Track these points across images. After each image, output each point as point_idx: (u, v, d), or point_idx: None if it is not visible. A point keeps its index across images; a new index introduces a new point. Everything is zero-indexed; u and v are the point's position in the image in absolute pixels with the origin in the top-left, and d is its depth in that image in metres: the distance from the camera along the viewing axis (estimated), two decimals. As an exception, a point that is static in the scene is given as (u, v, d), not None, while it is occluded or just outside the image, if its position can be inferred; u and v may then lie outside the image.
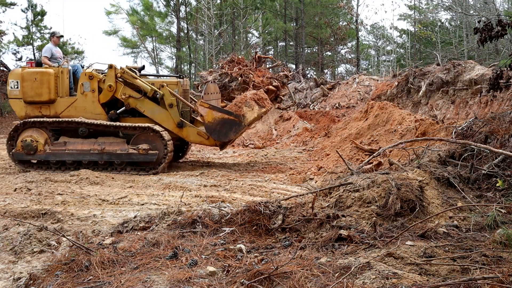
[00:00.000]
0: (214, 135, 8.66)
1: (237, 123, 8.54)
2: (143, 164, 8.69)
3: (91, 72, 9.05)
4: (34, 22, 25.66)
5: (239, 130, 8.61)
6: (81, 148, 8.75)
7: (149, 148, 8.62)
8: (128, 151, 8.62)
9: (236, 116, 8.52)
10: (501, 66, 7.43)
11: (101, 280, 3.05)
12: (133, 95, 8.92)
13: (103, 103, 9.04)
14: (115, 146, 8.69)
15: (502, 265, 2.79)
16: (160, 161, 8.66)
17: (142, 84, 8.90)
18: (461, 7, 22.17)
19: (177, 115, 8.91)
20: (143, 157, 8.58)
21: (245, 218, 3.97)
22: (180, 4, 28.52)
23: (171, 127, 8.92)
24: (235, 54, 17.37)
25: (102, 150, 8.67)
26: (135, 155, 8.60)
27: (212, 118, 8.58)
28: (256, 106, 8.61)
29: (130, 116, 9.15)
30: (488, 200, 4.26)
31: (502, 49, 19.89)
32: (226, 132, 8.60)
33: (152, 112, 8.94)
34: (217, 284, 2.89)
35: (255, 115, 8.57)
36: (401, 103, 13.29)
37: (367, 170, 5.69)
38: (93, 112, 9.00)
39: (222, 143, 9.01)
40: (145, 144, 8.64)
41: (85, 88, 9.01)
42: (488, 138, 5.43)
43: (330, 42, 31.89)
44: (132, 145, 8.70)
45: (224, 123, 8.56)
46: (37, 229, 4.44)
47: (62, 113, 9.06)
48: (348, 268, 2.87)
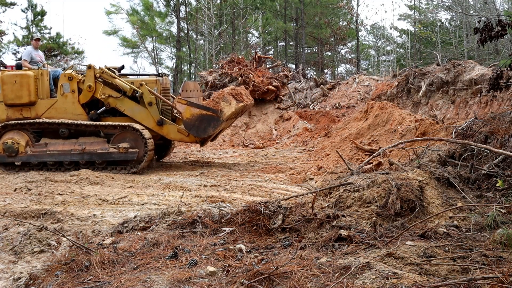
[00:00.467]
0: (193, 131, 8.70)
1: (215, 118, 8.55)
2: (124, 163, 8.74)
3: (71, 73, 9.11)
4: (34, 22, 25.67)
5: (217, 125, 8.62)
6: (62, 148, 8.81)
7: (129, 146, 8.67)
8: (109, 150, 8.68)
9: (213, 111, 8.54)
10: (501, 66, 7.43)
11: (101, 280, 3.05)
12: (113, 94, 8.98)
13: (84, 103, 9.11)
14: (96, 146, 8.76)
15: (502, 265, 2.79)
16: (141, 159, 8.70)
17: (121, 84, 8.96)
18: (461, 7, 22.18)
19: (156, 113, 8.95)
20: (124, 155, 8.63)
21: (245, 218, 3.97)
22: (180, 4, 28.52)
23: (151, 125, 8.97)
24: (235, 54, 17.38)
25: (82, 150, 8.73)
26: (115, 154, 8.65)
27: (190, 115, 8.62)
28: (234, 101, 8.61)
29: (111, 115, 9.20)
30: (488, 200, 4.26)
31: (502, 49, 19.89)
32: (205, 128, 8.63)
33: (132, 111, 8.99)
34: (217, 284, 2.89)
35: (233, 110, 8.57)
36: (401, 103, 13.29)
37: (367, 170, 5.69)
38: (74, 113, 9.06)
39: (202, 139, 9.05)
40: (126, 143, 8.70)
41: (65, 89, 9.07)
42: (488, 138, 5.43)
43: (330, 42, 31.89)
44: (113, 144, 8.75)
45: (203, 119, 8.59)
46: (37, 229, 4.44)
47: (43, 115, 9.12)
48: (348, 268, 2.87)
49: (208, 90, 15.47)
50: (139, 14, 30.07)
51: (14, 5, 24.79)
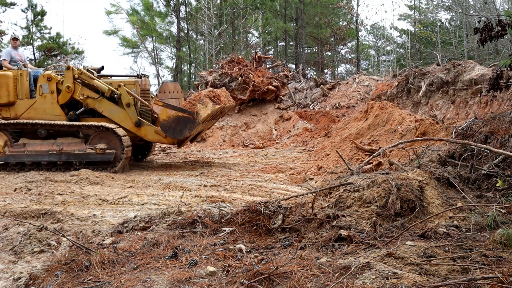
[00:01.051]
0: (169, 133, 8.71)
1: (192, 120, 8.55)
2: (101, 163, 8.75)
3: (49, 74, 9.12)
4: (34, 22, 25.66)
5: (193, 127, 8.62)
6: (40, 149, 8.83)
7: (107, 147, 8.70)
8: (86, 151, 8.70)
9: (190, 113, 8.54)
10: (501, 66, 7.43)
11: (101, 280, 3.05)
12: (91, 95, 9.00)
13: (63, 104, 9.13)
14: (73, 147, 8.78)
15: (502, 265, 2.79)
16: (118, 159, 8.71)
17: (99, 85, 8.99)
18: (461, 7, 22.18)
19: (134, 114, 8.96)
20: (101, 156, 8.66)
21: (245, 218, 3.97)
22: (180, 4, 28.52)
23: (129, 126, 8.98)
24: (235, 54, 17.38)
25: (60, 150, 8.75)
26: (92, 155, 8.68)
27: (167, 116, 8.64)
28: (210, 103, 8.60)
29: (90, 116, 9.22)
30: (488, 200, 4.27)
31: (502, 49, 19.89)
32: (181, 130, 8.64)
33: (110, 112, 9.01)
34: (217, 284, 2.89)
35: (209, 112, 8.55)
36: (401, 103, 13.29)
37: (367, 170, 5.69)
38: (53, 113, 9.08)
39: (179, 141, 9.06)
40: (103, 144, 8.72)
41: (43, 89, 9.08)
42: (488, 138, 5.43)
43: (330, 42, 31.89)
44: (90, 145, 8.77)
45: (179, 121, 8.60)
46: (37, 229, 4.44)
47: (22, 115, 9.13)
48: (348, 268, 2.87)
49: (208, 90, 15.46)
50: (139, 14, 30.08)
51: (14, 5, 24.79)
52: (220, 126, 14.55)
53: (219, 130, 14.32)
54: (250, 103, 15.70)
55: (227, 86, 15.20)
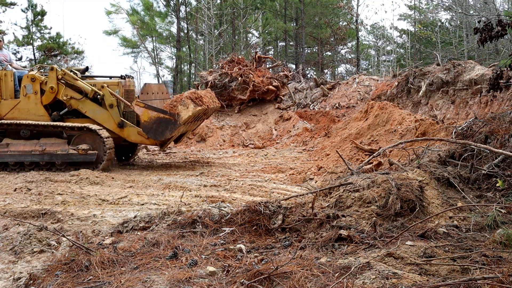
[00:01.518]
0: (150, 134, 8.72)
1: (173, 122, 8.57)
2: (83, 164, 8.77)
3: (33, 74, 9.15)
4: (34, 22, 25.65)
5: (174, 128, 8.63)
6: (23, 149, 8.85)
7: (89, 148, 8.72)
8: (68, 151, 8.72)
9: (171, 115, 8.56)
10: (501, 66, 7.43)
11: (101, 280, 3.05)
12: (75, 96, 9.03)
13: (46, 104, 9.15)
14: (56, 147, 8.80)
15: (502, 265, 2.79)
16: (101, 160, 8.73)
17: (82, 85, 9.02)
18: (461, 7, 22.18)
19: (117, 115, 8.98)
20: (83, 157, 8.68)
21: (245, 218, 3.97)
22: (180, 4, 28.52)
23: (112, 127, 9.00)
24: (235, 54, 17.37)
25: (43, 151, 8.77)
26: (74, 155, 8.70)
27: (148, 118, 8.66)
28: (192, 104, 8.60)
29: (74, 117, 9.25)
30: (488, 200, 4.27)
31: (502, 49, 19.89)
32: (162, 131, 8.65)
33: (93, 113, 9.04)
34: (217, 284, 2.89)
35: (190, 114, 8.56)
36: (401, 103, 13.28)
37: (367, 170, 5.69)
38: (36, 113, 9.12)
39: (161, 142, 9.07)
40: (85, 144, 8.75)
41: (27, 90, 9.12)
42: (488, 138, 5.43)
43: (330, 42, 31.89)
44: (73, 145, 8.80)
45: (160, 122, 8.62)
46: (37, 229, 4.44)
47: (6, 115, 9.16)
48: (348, 268, 2.87)
49: (208, 90, 15.47)
50: (139, 14, 30.08)
51: (14, 5, 24.78)
52: (220, 126, 14.55)
53: (219, 130, 14.32)
54: (250, 103, 15.70)
55: (227, 86, 15.20)
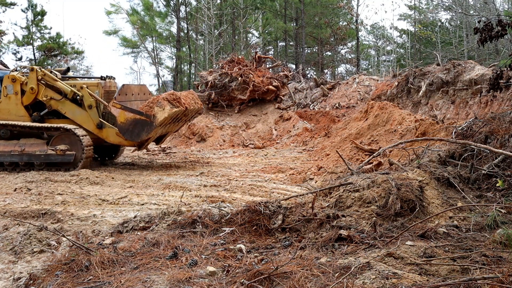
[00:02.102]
0: (127, 136, 8.76)
1: (149, 123, 8.60)
2: (62, 164, 8.81)
3: (14, 75, 9.19)
4: (34, 22, 25.65)
5: (150, 130, 8.65)
6: (3, 149, 8.91)
7: (67, 148, 8.75)
8: (47, 152, 8.76)
9: (147, 116, 8.58)
10: (501, 66, 7.43)
11: (101, 280, 3.05)
12: (54, 97, 9.07)
13: (27, 105, 9.19)
14: (35, 148, 8.85)
15: (502, 265, 2.79)
16: (79, 160, 8.76)
17: (62, 86, 9.06)
18: (461, 7, 22.18)
19: (96, 116, 9.02)
20: (61, 157, 8.72)
21: (245, 218, 3.97)
22: (180, 4, 28.52)
23: (91, 128, 9.04)
24: (235, 54, 17.37)
25: (22, 151, 8.82)
26: (53, 156, 8.74)
27: (125, 119, 8.69)
28: (168, 106, 8.62)
29: (55, 117, 9.28)
30: (488, 200, 4.27)
31: (502, 49, 19.89)
32: (139, 133, 8.69)
33: (73, 114, 9.08)
34: (217, 284, 2.89)
35: (166, 115, 8.57)
36: (401, 103, 13.28)
37: (367, 170, 5.69)
38: (17, 114, 9.16)
39: (139, 143, 9.11)
40: (63, 145, 8.79)
41: (8, 90, 9.17)
42: (488, 138, 5.43)
43: (330, 42, 31.88)
44: (52, 146, 8.83)
45: (136, 124, 8.65)
46: (37, 229, 4.44)
47: None
48: (348, 268, 2.87)
49: (208, 90, 15.47)
50: (139, 14, 30.06)
51: (14, 5, 24.78)
52: (220, 126, 14.55)
53: (219, 130, 14.32)
54: (250, 103, 15.70)
55: (227, 86, 15.20)
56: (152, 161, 10.74)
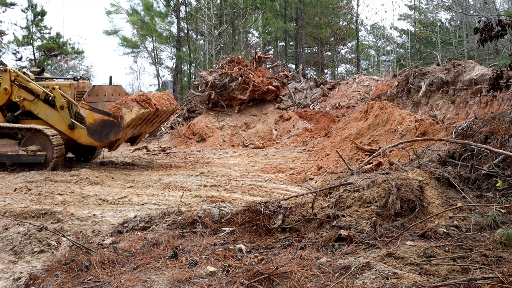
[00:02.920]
0: (95, 136, 8.80)
1: (116, 124, 8.64)
2: (33, 165, 8.85)
3: None
4: (34, 22, 25.64)
5: (118, 131, 8.69)
6: None
7: (38, 149, 8.80)
8: (18, 152, 8.81)
9: (114, 117, 8.63)
10: (501, 66, 7.43)
11: (101, 280, 3.05)
12: (27, 97, 9.11)
13: (1, 105, 9.25)
14: (7, 148, 8.91)
15: (502, 265, 2.79)
16: (50, 160, 8.79)
17: (34, 87, 9.11)
18: (461, 7, 22.17)
19: (68, 117, 9.05)
20: (32, 158, 8.78)
21: (245, 218, 3.97)
22: (180, 4, 28.52)
23: (63, 128, 9.08)
24: (235, 54, 17.36)
25: None
26: (24, 156, 8.79)
27: (93, 120, 8.74)
28: (136, 107, 8.64)
29: (29, 118, 9.31)
30: (488, 200, 4.27)
31: (502, 49, 19.89)
32: (107, 134, 8.74)
33: (45, 114, 9.12)
34: (217, 284, 2.89)
35: (133, 116, 8.60)
36: (401, 103, 13.28)
37: (367, 170, 5.69)
38: None
39: (109, 144, 9.15)
40: (34, 146, 8.83)
41: None
42: (488, 138, 5.43)
43: (330, 42, 31.87)
44: (23, 146, 8.87)
45: (105, 125, 8.69)
46: (37, 229, 4.44)
47: None
48: (348, 268, 2.87)
49: (208, 90, 15.47)
50: (139, 14, 30.05)
51: (14, 5, 24.76)
52: (220, 126, 14.55)
53: (219, 130, 14.32)
54: (250, 103, 15.69)
55: (227, 86, 15.19)
56: (152, 161, 10.74)
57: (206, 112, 15.63)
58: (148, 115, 9.04)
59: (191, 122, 15.18)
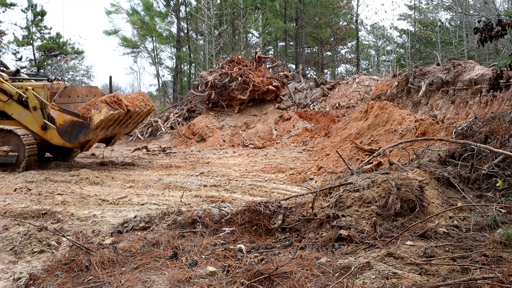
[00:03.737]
0: (65, 138, 8.83)
1: (85, 125, 8.66)
2: (6, 165, 8.88)
3: None
4: (34, 22, 25.64)
5: (88, 132, 8.70)
6: None
7: (10, 149, 8.83)
8: None
9: (83, 118, 8.64)
10: (501, 66, 7.43)
11: (101, 280, 3.05)
12: (1, 98, 9.15)
13: None
14: None
15: (502, 265, 2.79)
16: (22, 160, 8.81)
17: (8, 88, 9.13)
18: (461, 7, 22.17)
19: (41, 118, 9.06)
20: (4, 158, 8.83)
21: (245, 218, 3.97)
22: (180, 4, 28.51)
23: (36, 129, 9.10)
24: (235, 54, 17.36)
25: None
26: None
27: (63, 121, 8.77)
28: (105, 108, 8.66)
29: (4, 118, 9.35)
30: (488, 200, 4.27)
31: (502, 49, 19.89)
32: (76, 135, 8.76)
33: (19, 115, 9.15)
34: (217, 284, 2.89)
35: (102, 118, 8.61)
36: (401, 103, 13.28)
37: (367, 170, 5.69)
38: None
39: (80, 145, 9.18)
40: (6, 146, 8.87)
41: None
42: (488, 138, 5.43)
43: (330, 42, 31.87)
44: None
45: (74, 126, 8.72)
46: (37, 229, 4.44)
47: None
48: (348, 268, 2.87)
49: (208, 90, 15.47)
50: (139, 14, 30.03)
51: (14, 5, 24.76)
52: (220, 126, 14.55)
53: (219, 130, 14.32)
54: (250, 103, 15.70)
55: (227, 86, 15.19)
56: (152, 161, 10.74)
57: (206, 112, 15.63)
58: (119, 117, 9.07)
59: (191, 122, 15.18)
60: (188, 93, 18.40)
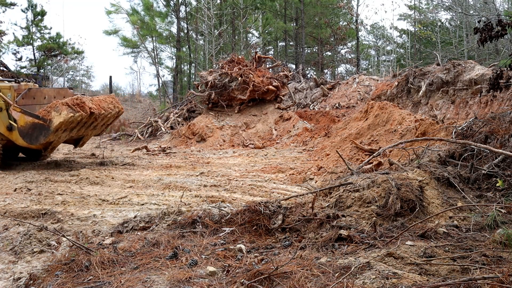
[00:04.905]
0: (26, 139, 8.85)
1: (46, 127, 8.67)
2: None
3: None
4: (34, 22, 25.64)
5: (48, 134, 8.71)
6: None
7: None
8: None
9: (43, 120, 8.65)
10: (501, 66, 7.43)
11: (101, 280, 3.05)
12: None
13: None
14: None
15: (502, 265, 2.79)
16: None
17: None
18: (461, 7, 22.18)
19: (6, 119, 9.05)
20: None
21: (245, 218, 3.97)
22: (180, 4, 28.52)
23: (2, 130, 9.10)
24: (235, 54, 17.36)
25: None
26: None
27: (24, 122, 8.79)
28: (65, 111, 8.65)
29: None
30: (488, 200, 4.27)
31: (502, 49, 19.89)
32: (37, 136, 8.78)
33: None
34: (217, 284, 2.89)
35: (61, 120, 8.60)
36: (401, 103, 13.28)
37: (367, 170, 5.69)
38: None
39: (44, 146, 9.20)
40: None
41: None
42: (488, 138, 5.43)
43: (330, 42, 31.88)
44: None
45: (35, 127, 8.73)
46: (37, 229, 4.44)
47: None
48: (348, 268, 2.87)
49: (208, 90, 15.47)
50: (139, 14, 30.03)
51: (14, 5, 24.76)
52: (220, 126, 14.55)
53: (219, 130, 14.32)
54: (250, 103, 15.70)
55: (227, 86, 15.20)
56: (152, 161, 10.74)
57: (206, 112, 15.63)
58: (81, 119, 9.05)
59: (191, 122, 15.18)
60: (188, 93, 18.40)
